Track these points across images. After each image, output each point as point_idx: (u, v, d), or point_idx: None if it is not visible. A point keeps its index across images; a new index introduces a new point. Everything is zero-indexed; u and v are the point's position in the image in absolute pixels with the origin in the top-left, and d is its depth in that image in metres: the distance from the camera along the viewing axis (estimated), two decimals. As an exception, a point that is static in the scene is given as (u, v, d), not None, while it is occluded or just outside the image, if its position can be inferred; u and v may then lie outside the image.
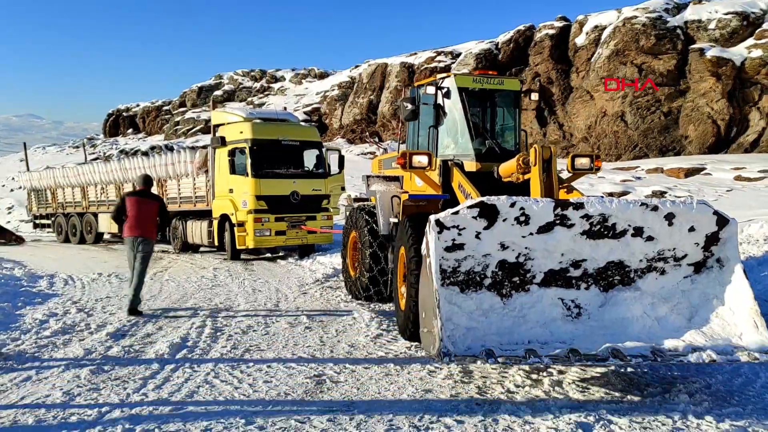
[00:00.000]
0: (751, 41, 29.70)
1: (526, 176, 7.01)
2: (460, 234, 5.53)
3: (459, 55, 41.28)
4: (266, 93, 75.34)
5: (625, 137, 31.62)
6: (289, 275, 12.72)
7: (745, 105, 29.73)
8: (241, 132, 15.54)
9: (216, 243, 16.25)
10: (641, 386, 5.67)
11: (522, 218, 5.47)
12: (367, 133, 36.81)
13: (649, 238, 5.72)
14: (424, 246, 5.65)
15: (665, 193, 23.00)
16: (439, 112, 8.58)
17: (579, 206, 5.46)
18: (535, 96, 8.97)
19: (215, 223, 16.14)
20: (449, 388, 5.50)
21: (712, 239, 5.75)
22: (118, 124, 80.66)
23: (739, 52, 29.61)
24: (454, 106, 8.49)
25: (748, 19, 30.42)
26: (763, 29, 29.74)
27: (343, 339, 7.21)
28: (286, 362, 6.20)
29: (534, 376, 5.86)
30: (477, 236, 5.56)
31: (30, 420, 4.56)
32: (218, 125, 16.82)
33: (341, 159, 16.71)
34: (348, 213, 10.40)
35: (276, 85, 75.90)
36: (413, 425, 4.63)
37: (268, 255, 16.87)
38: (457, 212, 5.44)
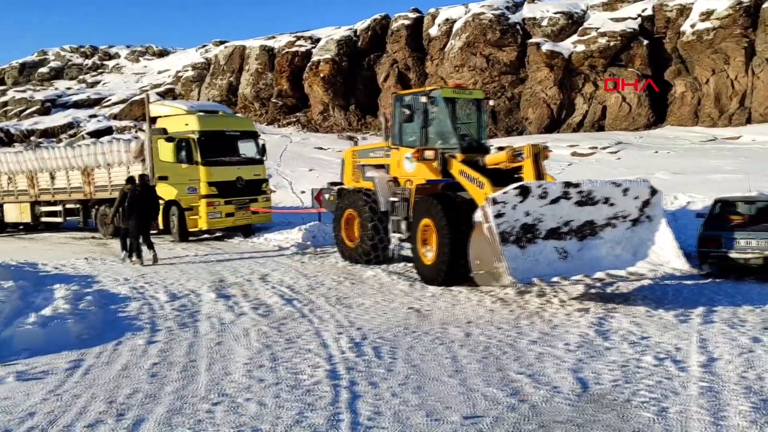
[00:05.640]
0: (575, 37, 35.34)
1: (514, 165, 10.03)
2: (503, 206, 8.37)
3: (319, 40, 43.54)
4: (99, 71, 71.94)
5: (477, 119, 36.08)
6: (258, 251, 14.71)
7: (572, 91, 35.40)
8: (187, 124, 17.01)
9: (161, 227, 17.56)
10: (612, 299, 8.93)
11: (543, 194, 8.44)
12: (345, 132, 38.91)
13: (611, 204, 8.96)
14: (480, 216, 8.43)
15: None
16: (427, 116, 11.26)
17: (577, 185, 8.55)
18: (492, 102, 12.00)
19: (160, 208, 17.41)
20: (502, 308, 8.38)
21: (646, 203, 9.12)
22: None
23: (566, 46, 35.14)
24: (440, 111, 11.25)
25: (573, 18, 36.10)
26: (584, 27, 35.50)
27: (390, 288, 9.78)
28: (377, 303, 8.67)
29: (544, 299, 8.90)
30: (513, 208, 8.44)
31: (281, 339, 6.73)
32: (156, 117, 18.02)
33: (263, 147, 18.64)
34: (340, 194, 12.78)
35: (110, 63, 72.75)
36: (509, 324, 7.45)
37: (206, 236, 18.44)
38: (506, 192, 8.28)
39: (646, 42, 33.72)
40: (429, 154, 10.55)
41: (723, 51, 31.34)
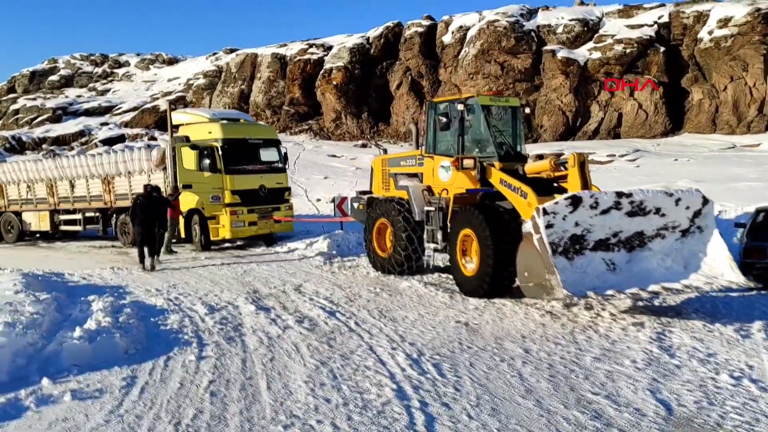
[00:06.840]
0: (591, 44, 35.16)
1: (557, 173, 9.78)
2: (554, 217, 8.13)
3: (331, 48, 43.47)
4: (110, 79, 72.12)
5: (492, 126, 35.89)
6: (285, 260, 14.49)
7: (587, 99, 35.19)
8: (210, 132, 16.82)
9: (183, 235, 17.36)
10: (664, 312, 8.67)
11: (594, 205, 8.19)
12: (373, 141, 39.03)
13: (662, 215, 8.70)
14: (530, 226, 8.19)
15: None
16: (464, 124, 11.03)
17: (629, 195, 8.30)
18: (527, 110, 11.76)
19: (181, 217, 17.22)
20: (553, 322, 8.13)
21: (697, 213, 8.86)
22: (-68, 111, 72.60)
23: (582, 53, 34.96)
24: (477, 119, 11.02)
25: (588, 25, 35.92)
26: (600, 34, 35.31)
27: (430, 300, 9.53)
28: (422, 317, 8.43)
29: (593, 312, 8.64)
30: (564, 218, 8.19)
31: (335, 355, 6.50)
32: (178, 125, 17.86)
33: (285, 155, 18.45)
34: (370, 203, 12.55)
35: (120, 71, 72.91)
36: (565, 340, 7.20)
37: (228, 245, 18.22)
38: (557, 203, 8.04)
39: (662, 49, 33.50)
40: (468, 162, 10.33)
41: (741, 58, 31.09)
